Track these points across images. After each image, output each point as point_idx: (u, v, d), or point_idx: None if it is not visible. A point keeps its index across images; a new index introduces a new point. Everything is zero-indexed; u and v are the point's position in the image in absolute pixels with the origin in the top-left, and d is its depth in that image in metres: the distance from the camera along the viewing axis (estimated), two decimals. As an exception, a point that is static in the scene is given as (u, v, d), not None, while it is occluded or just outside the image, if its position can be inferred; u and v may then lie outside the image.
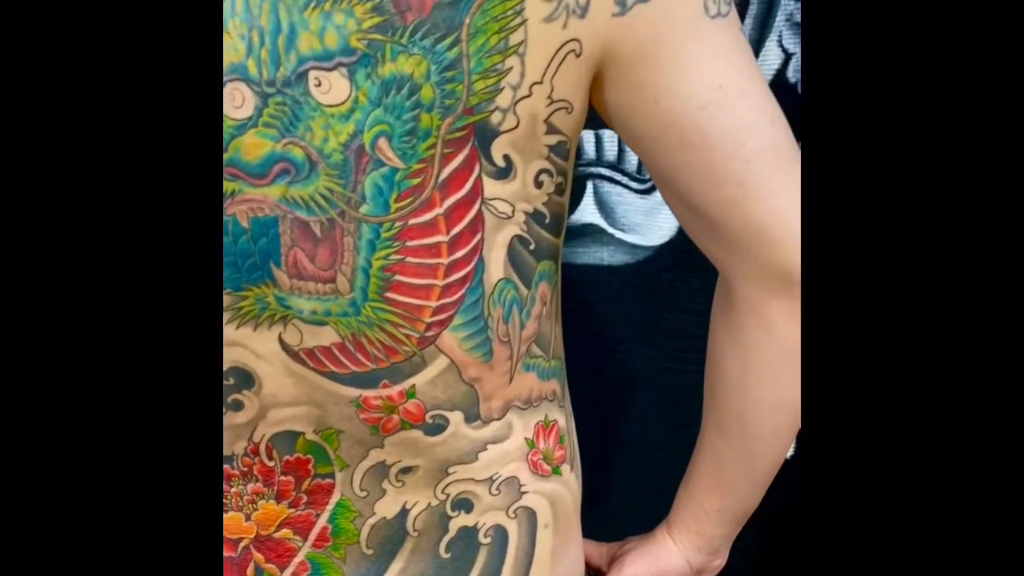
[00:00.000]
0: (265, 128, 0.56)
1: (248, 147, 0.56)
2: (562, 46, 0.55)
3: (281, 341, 0.61)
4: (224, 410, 0.65)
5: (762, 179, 0.59)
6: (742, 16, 1.10)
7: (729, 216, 0.60)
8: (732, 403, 0.68)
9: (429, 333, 0.60)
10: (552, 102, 0.57)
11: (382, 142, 0.55)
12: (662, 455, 1.26)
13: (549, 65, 0.55)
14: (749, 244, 0.61)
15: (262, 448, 0.66)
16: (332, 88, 0.54)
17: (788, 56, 1.10)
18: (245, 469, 0.67)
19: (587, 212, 1.23)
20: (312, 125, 0.55)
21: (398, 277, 0.58)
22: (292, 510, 0.67)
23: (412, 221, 0.57)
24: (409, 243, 0.58)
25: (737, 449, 0.69)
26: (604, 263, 1.24)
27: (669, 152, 0.59)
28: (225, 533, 0.67)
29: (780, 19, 1.09)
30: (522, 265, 0.62)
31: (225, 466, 0.68)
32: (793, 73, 1.10)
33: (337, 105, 0.55)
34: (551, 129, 0.58)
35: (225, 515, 0.69)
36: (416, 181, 0.56)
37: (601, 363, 1.25)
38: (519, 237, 0.61)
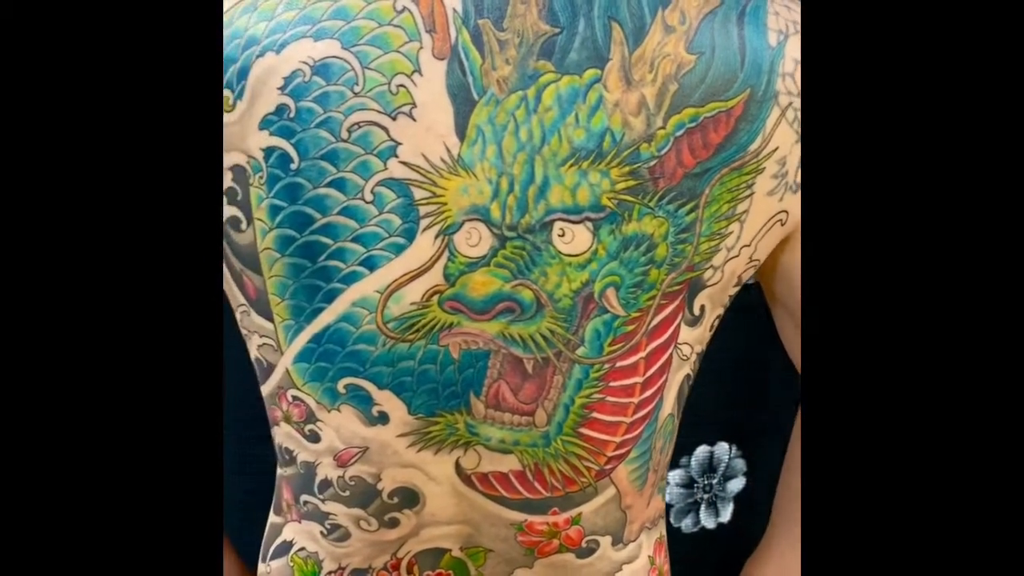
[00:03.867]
0: (497, 268, 0.57)
1: (476, 284, 0.57)
2: (774, 215, 0.60)
3: (457, 464, 0.62)
4: (376, 527, 0.64)
5: None
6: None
7: None
8: None
9: (608, 466, 0.63)
10: (751, 262, 0.62)
11: (610, 292, 0.58)
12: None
13: (760, 231, 0.60)
14: None
15: (404, 564, 0.66)
16: (575, 239, 0.57)
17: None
18: None
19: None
20: (548, 271, 0.57)
21: (595, 414, 0.61)
22: None
23: (619, 363, 0.60)
24: (612, 383, 0.61)
25: None
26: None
27: None
28: None
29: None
30: (681, 399, 0.66)
31: None
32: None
33: (576, 255, 0.57)
34: (739, 282, 0.63)
35: (346, 627, 0.68)
36: (630, 328, 0.59)
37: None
38: (687, 375, 0.65)
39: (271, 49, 0.56)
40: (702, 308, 0.62)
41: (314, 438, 0.63)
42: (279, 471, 0.69)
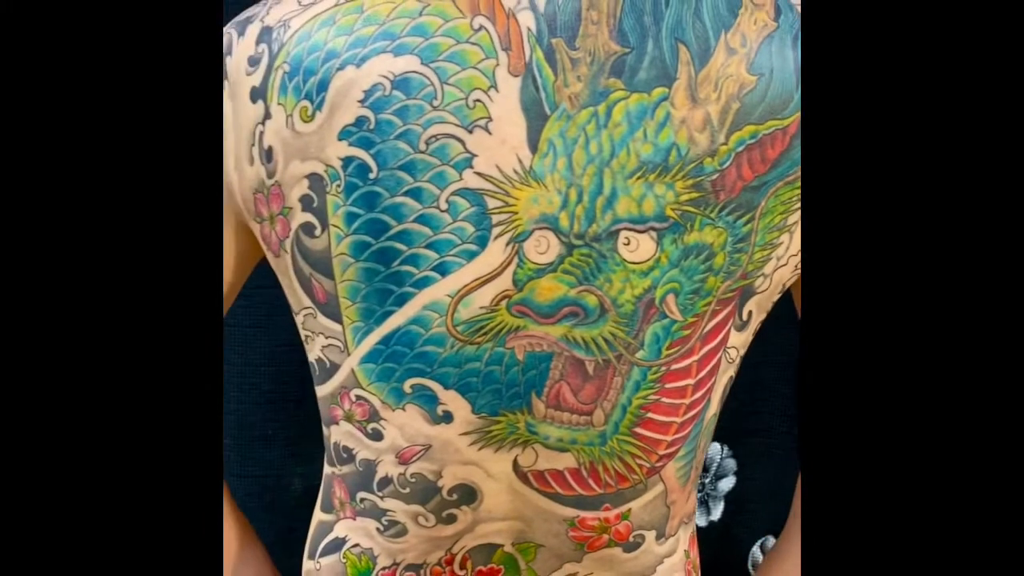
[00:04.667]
0: (564, 274, 0.60)
1: (543, 289, 0.60)
2: None
3: (515, 462, 0.65)
4: (434, 523, 0.67)
5: None
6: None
7: None
8: None
9: (659, 464, 0.66)
10: (796, 270, 0.66)
11: (670, 298, 0.61)
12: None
13: None
14: None
15: (457, 559, 0.68)
16: (639, 248, 0.60)
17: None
18: None
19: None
20: (612, 277, 0.60)
21: (650, 415, 0.64)
22: None
23: (674, 366, 0.64)
24: (667, 385, 0.64)
25: None
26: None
27: None
28: None
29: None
30: (723, 399, 0.70)
31: (409, 574, 0.69)
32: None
33: (640, 263, 0.60)
34: (782, 290, 0.67)
35: (397, 621, 0.70)
36: (687, 332, 0.63)
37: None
38: (731, 377, 0.69)
39: (351, 63, 0.58)
40: (750, 314, 0.66)
41: (376, 436, 0.65)
42: (331, 470, 0.71)
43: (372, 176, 0.59)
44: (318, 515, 0.74)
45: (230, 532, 0.79)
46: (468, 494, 0.66)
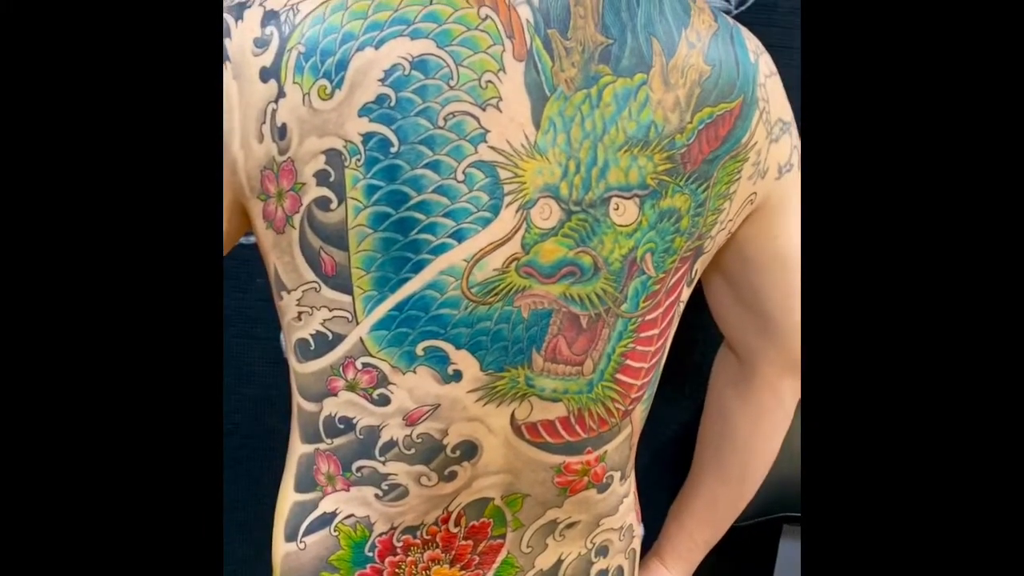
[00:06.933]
0: (564, 237, 0.68)
1: (546, 251, 0.67)
2: (749, 196, 0.76)
3: (512, 416, 0.71)
4: (436, 482, 0.71)
5: None
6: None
7: (785, 318, 0.84)
8: (738, 455, 0.92)
9: (630, 407, 0.75)
10: (729, 234, 0.77)
11: (648, 256, 0.70)
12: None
13: (739, 208, 0.76)
14: (786, 338, 0.85)
15: (453, 517, 0.73)
16: (626, 212, 0.69)
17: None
18: (428, 537, 0.73)
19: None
20: (604, 239, 0.68)
21: (628, 361, 0.73)
22: (463, 572, 0.75)
23: (647, 317, 0.73)
24: (641, 334, 0.73)
25: (733, 491, 0.93)
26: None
27: (765, 271, 0.82)
28: None
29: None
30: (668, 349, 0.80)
31: (406, 536, 0.73)
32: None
33: (626, 226, 0.69)
34: (714, 251, 0.78)
35: (396, 584, 0.74)
36: (657, 287, 0.72)
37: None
38: (677, 329, 0.79)
39: (369, 44, 0.63)
40: (696, 271, 0.76)
41: (383, 402, 0.69)
42: (311, 448, 0.73)
43: (393, 150, 0.63)
44: (292, 497, 0.75)
45: None
46: (470, 450, 0.71)
